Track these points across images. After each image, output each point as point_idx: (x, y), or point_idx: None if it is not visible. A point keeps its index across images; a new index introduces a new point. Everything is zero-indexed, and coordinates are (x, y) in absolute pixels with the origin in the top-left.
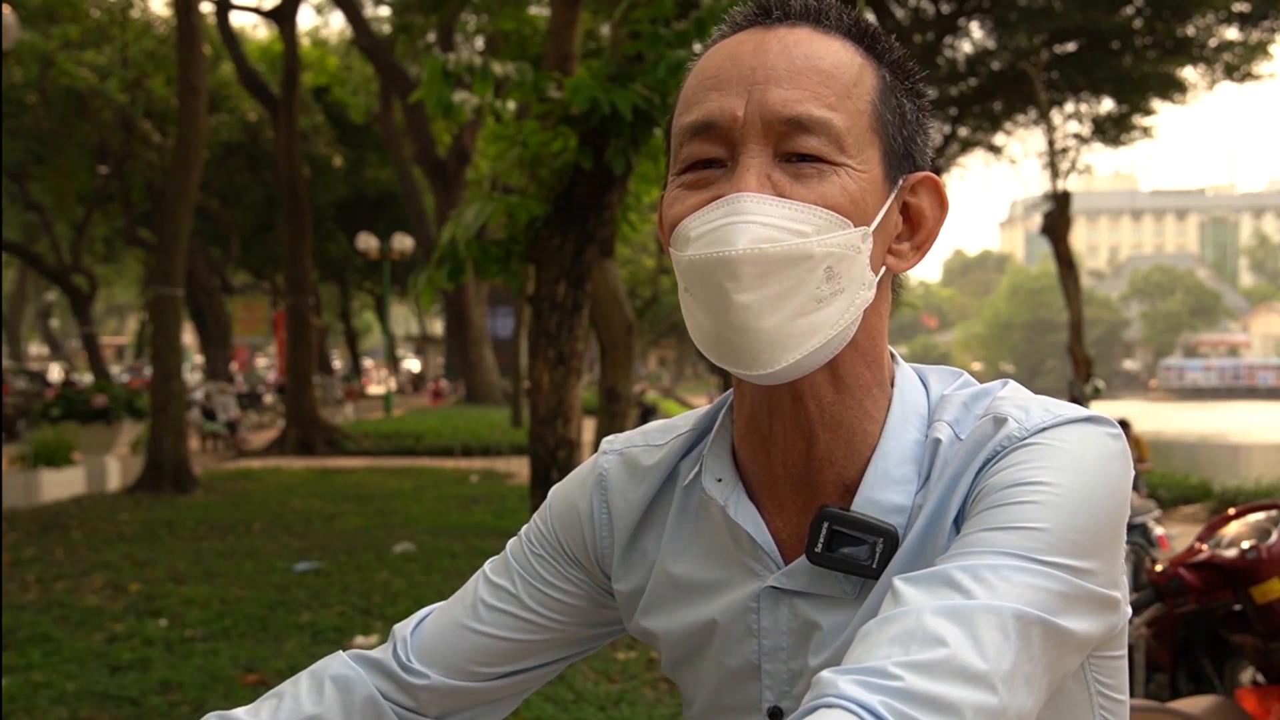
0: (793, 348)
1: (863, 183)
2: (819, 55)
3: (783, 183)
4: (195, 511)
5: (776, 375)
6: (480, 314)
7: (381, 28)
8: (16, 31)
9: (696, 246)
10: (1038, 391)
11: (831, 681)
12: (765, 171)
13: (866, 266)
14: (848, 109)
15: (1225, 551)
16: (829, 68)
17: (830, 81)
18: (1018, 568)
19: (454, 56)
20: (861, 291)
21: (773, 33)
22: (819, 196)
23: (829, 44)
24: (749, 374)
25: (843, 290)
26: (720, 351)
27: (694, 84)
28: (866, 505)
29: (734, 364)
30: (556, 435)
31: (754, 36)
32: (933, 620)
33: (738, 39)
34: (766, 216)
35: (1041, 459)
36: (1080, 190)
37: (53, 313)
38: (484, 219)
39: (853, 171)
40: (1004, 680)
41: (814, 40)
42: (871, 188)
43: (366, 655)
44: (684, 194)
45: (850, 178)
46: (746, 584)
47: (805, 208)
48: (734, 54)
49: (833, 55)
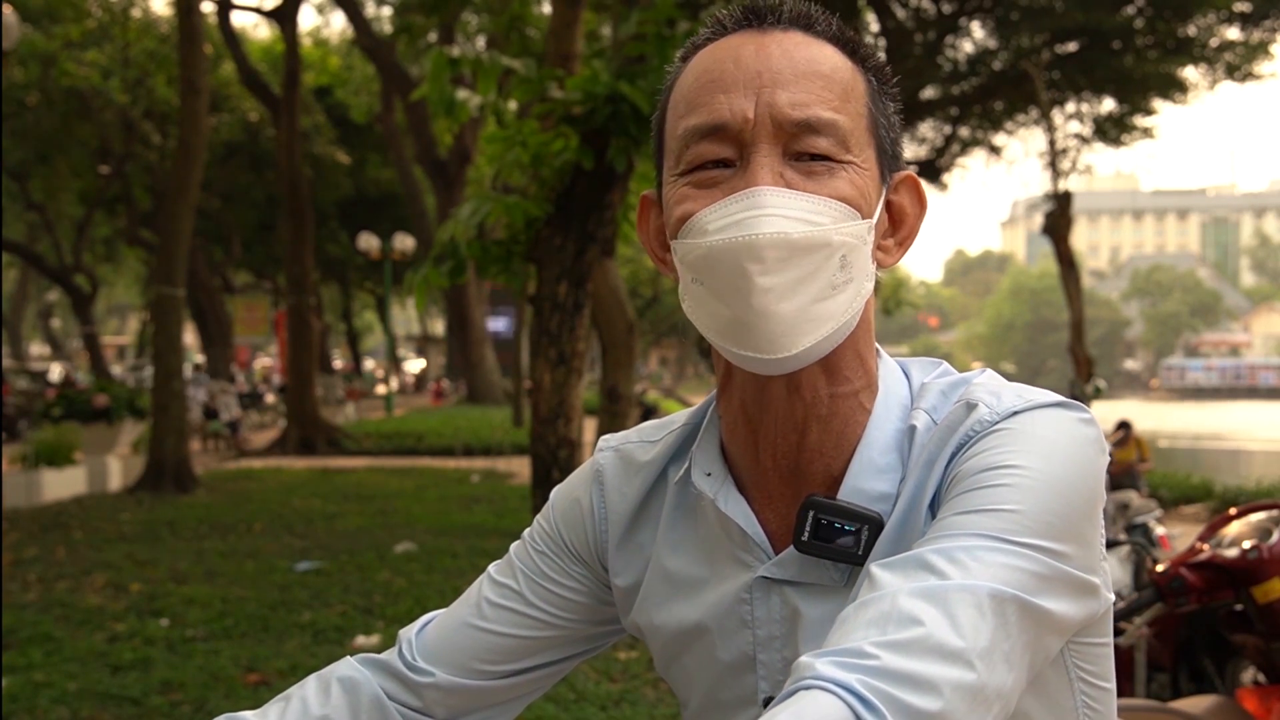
0: (809, 332)
1: (866, 179)
2: (817, 60)
3: (795, 180)
4: (196, 511)
5: (789, 361)
6: (481, 314)
7: (383, 27)
8: (17, 31)
9: (716, 236)
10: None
11: (809, 664)
12: (778, 170)
13: (870, 258)
14: (849, 111)
15: (1226, 551)
16: (828, 71)
17: (831, 85)
18: (992, 548)
19: (457, 50)
20: (866, 282)
21: (769, 37)
22: (831, 191)
23: (823, 49)
24: (764, 358)
25: (852, 279)
26: (737, 337)
27: (694, 86)
28: (852, 494)
29: (750, 348)
30: (558, 435)
31: (752, 40)
32: (908, 601)
33: (735, 41)
34: (787, 209)
35: (1013, 443)
36: (1081, 190)
37: (54, 313)
38: (481, 217)
39: (858, 168)
40: (981, 657)
41: (810, 46)
42: (871, 184)
43: (373, 658)
44: (693, 192)
45: (856, 174)
46: (739, 576)
47: (822, 200)
48: (736, 56)
49: (829, 60)
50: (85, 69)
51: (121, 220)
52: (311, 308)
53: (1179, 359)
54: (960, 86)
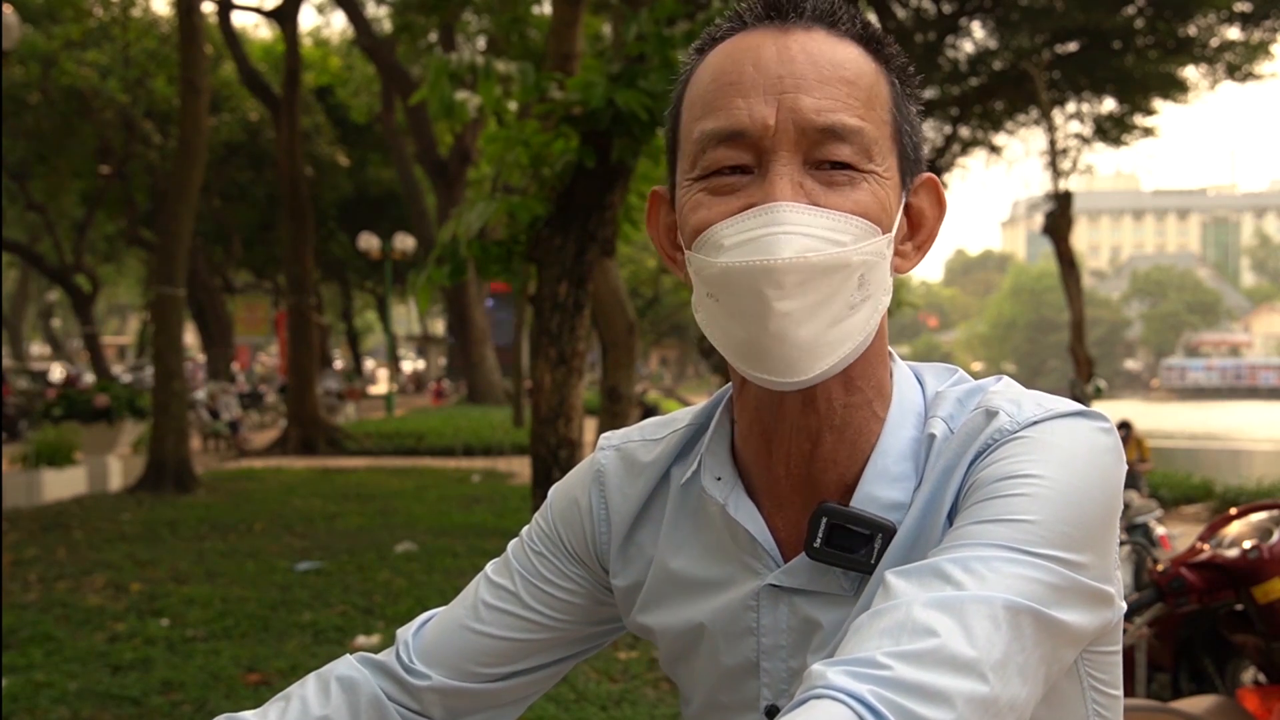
0: (826, 355)
1: (888, 189)
2: (843, 64)
3: (815, 191)
4: (197, 511)
5: (805, 383)
6: (482, 314)
7: (383, 27)
8: (18, 31)
9: (733, 254)
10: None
11: (821, 673)
12: (798, 180)
13: (888, 272)
14: (874, 118)
15: (1227, 551)
16: (853, 76)
17: (856, 90)
18: (1008, 559)
19: (456, 56)
20: (883, 297)
21: (790, 36)
22: (853, 205)
23: (847, 50)
24: (781, 381)
25: (870, 296)
26: (753, 360)
27: (712, 87)
28: (865, 502)
29: (767, 371)
30: (558, 435)
31: (772, 39)
32: (923, 612)
33: (754, 40)
34: (808, 227)
35: (1032, 452)
36: (1082, 190)
37: (54, 312)
38: (485, 219)
39: (880, 178)
40: (994, 669)
41: (834, 46)
42: (893, 194)
43: (372, 658)
44: (709, 199)
45: (878, 184)
46: (746, 582)
47: (843, 217)
48: (755, 58)
49: (854, 63)
50: (85, 69)
51: (122, 220)
52: (312, 307)
53: (1179, 359)
54: (960, 86)
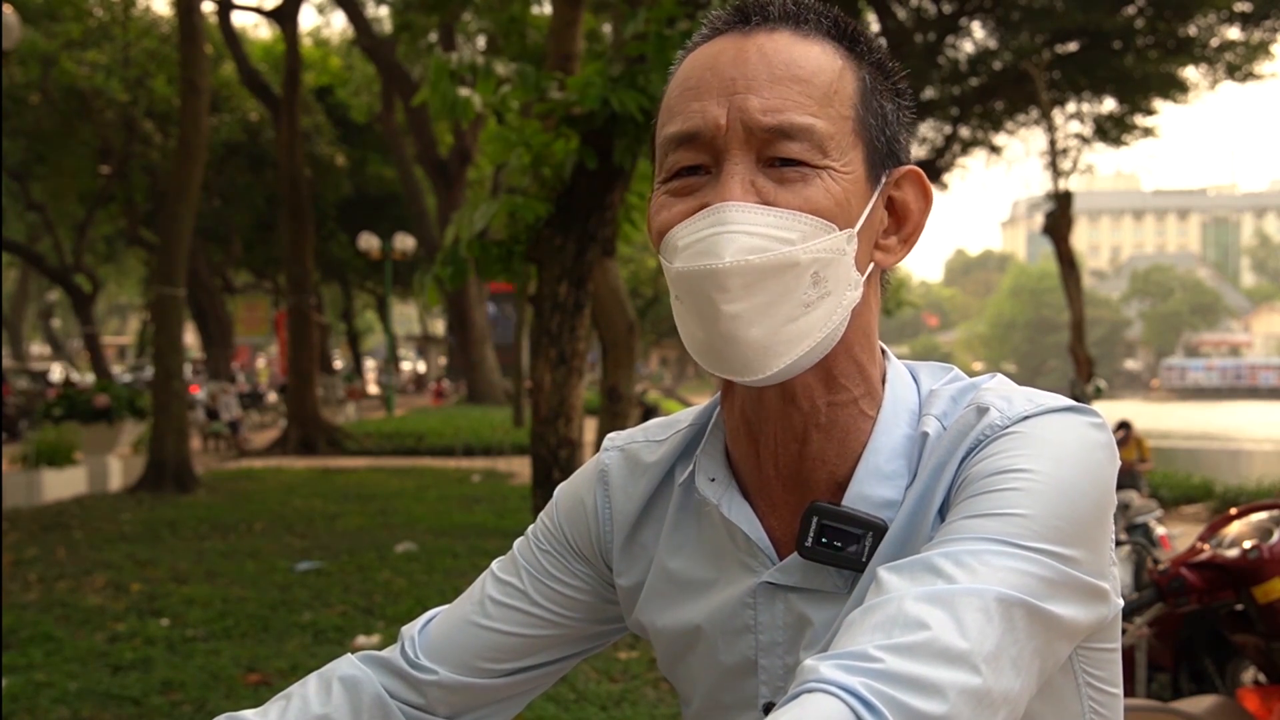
0: (782, 354)
1: (846, 184)
2: (798, 62)
3: (767, 188)
4: (197, 511)
5: (768, 380)
6: (482, 314)
7: (383, 27)
8: (18, 31)
9: (684, 258)
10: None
11: (813, 668)
12: (749, 178)
13: (852, 267)
14: (829, 115)
15: (1227, 551)
16: (809, 74)
17: (810, 89)
18: (1000, 553)
19: (456, 56)
20: (848, 293)
21: (751, 39)
22: (804, 201)
23: (809, 49)
24: (741, 379)
25: (829, 293)
26: (711, 359)
27: (675, 93)
28: (857, 500)
29: (725, 371)
30: (558, 435)
31: (733, 43)
32: (914, 605)
33: (717, 46)
34: (753, 225)
35: (1024, 447)
36: (1082, 190)
37: (54, 313)
38: (488, 219)
39: (836, 174)
40: (987, 661)
41: (794, 46)
42: (855, 188)
43: (374, 655)
44: (670, 201)
45: (834, 180)
46: (743, 581)
47: (790, 215)
48: (713, 63)
49: (813, 61)
50: (85, 69)
51: (122, 220)
52: (312, 307)
53: (1179, 359)
54: (960, 86)
